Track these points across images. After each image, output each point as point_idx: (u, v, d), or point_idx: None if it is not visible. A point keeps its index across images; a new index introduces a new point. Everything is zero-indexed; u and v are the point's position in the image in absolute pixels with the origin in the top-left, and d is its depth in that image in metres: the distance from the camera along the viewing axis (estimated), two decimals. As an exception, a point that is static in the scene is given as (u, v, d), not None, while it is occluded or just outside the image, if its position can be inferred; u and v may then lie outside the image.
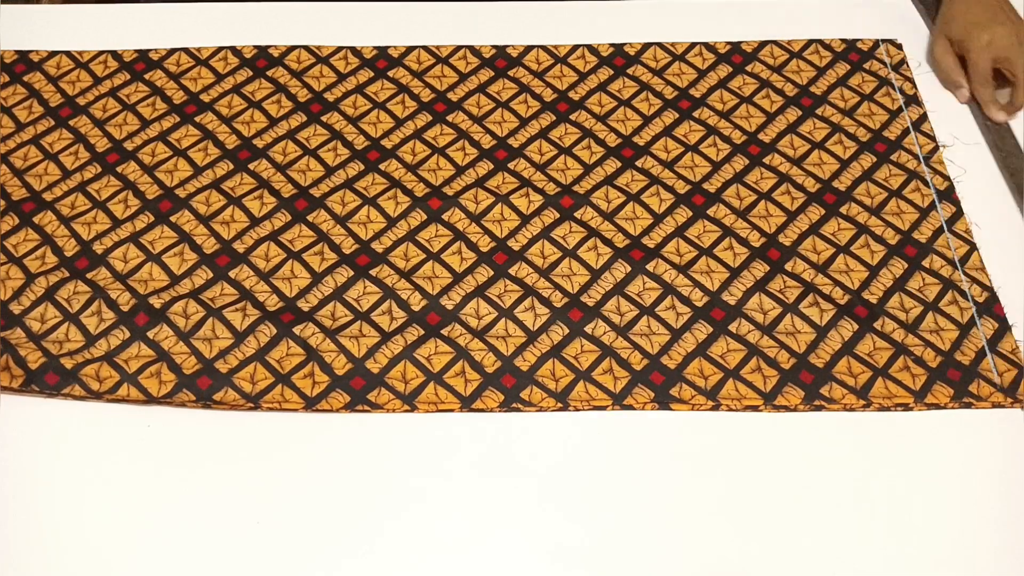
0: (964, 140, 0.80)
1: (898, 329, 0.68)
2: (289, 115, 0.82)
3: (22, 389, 0.64)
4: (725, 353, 0.67)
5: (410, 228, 0.75)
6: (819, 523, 0.60)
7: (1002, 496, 0.61)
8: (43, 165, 0.78)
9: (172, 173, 0.78)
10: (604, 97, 0.84)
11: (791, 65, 0.87)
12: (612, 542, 0.59)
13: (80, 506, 0.60)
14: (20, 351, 0.66)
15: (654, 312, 0.69)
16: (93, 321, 0.68)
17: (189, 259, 0.72)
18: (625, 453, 0.63)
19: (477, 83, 0.85)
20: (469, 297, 0.70)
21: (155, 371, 0.65)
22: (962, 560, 0.59)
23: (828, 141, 0.80)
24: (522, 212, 0.76)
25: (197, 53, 0.87)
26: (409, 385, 0.65)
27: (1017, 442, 0.64)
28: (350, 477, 0.62)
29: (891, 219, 0.75)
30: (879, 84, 0.85)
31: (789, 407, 0.65)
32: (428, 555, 0.59)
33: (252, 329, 0.68)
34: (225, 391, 0.65)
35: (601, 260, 0.72)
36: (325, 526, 0.60)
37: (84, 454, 0.63)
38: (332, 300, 0.70)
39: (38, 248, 0.73)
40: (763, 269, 0.72)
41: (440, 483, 0.62)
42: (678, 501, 0.61)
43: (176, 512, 0.60)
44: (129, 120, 0.82)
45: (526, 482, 0.62)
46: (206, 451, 0.63)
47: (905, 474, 0.62)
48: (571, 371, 0.66)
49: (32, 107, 0.83)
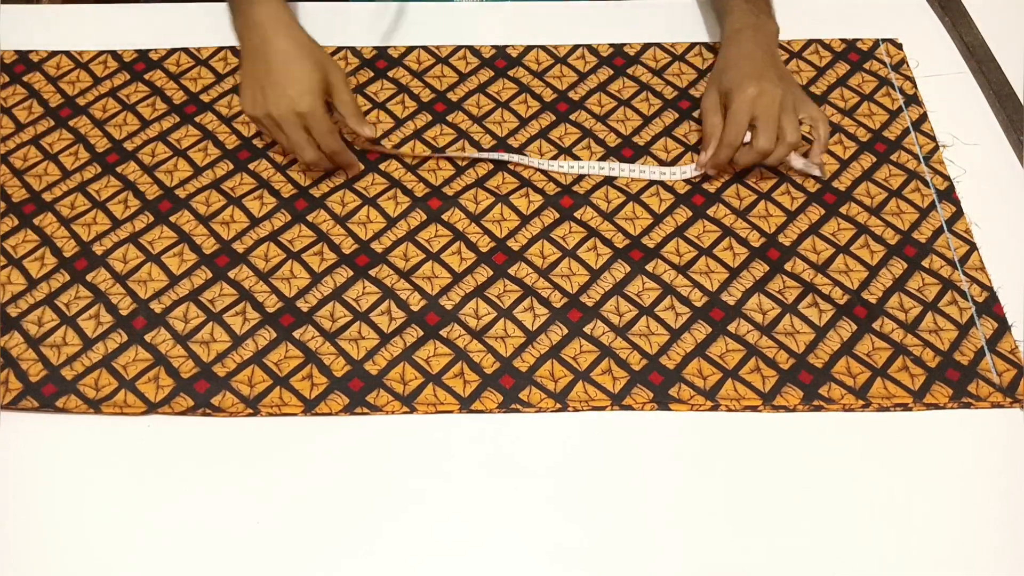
0: (964, 140, 0.80)
1: (897, 329, 0.68)
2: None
3: (19, 401, 0.64)
4: (724, 353, 0.67)
5: (410, 228, 0.75)
6: (818, 523, 0.60)
7: (1001, 496, 0.61)
8: (43, 165, 0.78)
9: (172, 173, 0.78)
10: (604, 97, 0.84)
11: (791, 65, 0.86)
12: (611, 542, 0.59)
13: (81, 506, 0.60)
14: (21, 364, 0.66)
15: (653, 312, 0.69)
16: (91, 324, 0.68)
17: (189, 259, 0.72)
18: (624, 453, 0.63)
19: (477, 83, 0.85)
20: (468, 297, 0.70)
21: (153, 376, 0.66)
22: (962, 560, 0.59)
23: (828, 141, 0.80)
24: (522, 212, 0.76)
25: (197, 53, 0.87)
26: (408, 386, 0.66)
27: (1016, 442, 0.64)
28: (349, 478, 0.62)
29: (891, 219, 0.75)
30: (879, 84, 0.85)
31: (788, 407, 0.65)
32: (427, 555, 0.59)
33: (251, 333, 0.68)
34: (223, 395, 0.65)
35: (600, 260, 0.72)
36: (325, 527, 0.60)
37: (85, 454, 0.63)
38: (331, 300, 0.70)
39: (37, 249, 0.73)
40: (763, 269, 0.72)
41: (439, 484, 0.62)
42: (677, 501, 0.61)
43: (177, 513, 0.60)
44: (129, 120, 0.82)
45: (525, 483, 0.62)
46: (206, 452, 0.63)
47: (904, 474, 0.62)
48: (570, 372, 0.66)
49: (32, 107, 0.83)
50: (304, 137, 0.73)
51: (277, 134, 0.74)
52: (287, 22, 0.75)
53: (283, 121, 0.72)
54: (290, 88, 0.72)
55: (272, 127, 0.74)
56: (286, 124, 0.72)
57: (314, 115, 0.72)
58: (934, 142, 0.80)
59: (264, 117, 0.73)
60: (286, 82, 0.72)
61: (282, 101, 0.72)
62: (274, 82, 0.72)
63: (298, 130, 0.73)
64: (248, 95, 0.74)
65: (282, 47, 0.74)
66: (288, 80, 0.72)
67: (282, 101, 0.72)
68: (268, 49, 0.74)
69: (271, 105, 0.72)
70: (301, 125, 0.73)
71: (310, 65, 0.73)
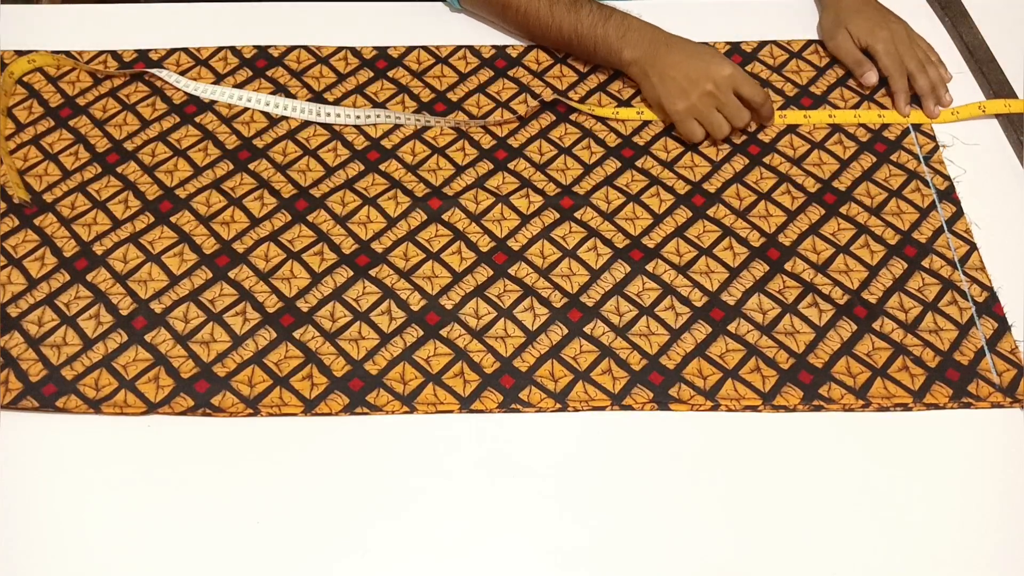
0: (964, 140, 0.80)
1: (897, 329, 0.68)
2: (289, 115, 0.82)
3: (19, 401, 0.64)
4: (724, 353, 0.67)
5: (410, 228, 0.75)
6: (818, 523, 0.60)
7: (1001, 496, 0.61)
8: (43, 166, 0.78)
9: (172, 173, 0.78)
10: (604, 98, 0.84)
11: (791, 65, 0.87)
12: (611, 542, 0.59)
13: (82, 506, 0.60)
14: (21, 364, 0.66)
15: (653, 312, 0.69)
16: (91, 324, 0.68)
17: (189, 259, 0.72)
18: (624, 453, 0.63)
19: (477, 83, 0.85)
20: (468, 297, 0.70)
21: (153, 376, 0.66)
22: (962, 560, 0.59)
23: (828, 141, 0.80)
24: (522, 212, 0.76)
25: (197, 53, 0.87)
26: (408, 386, 0.66)
27: (1016, 442, 0.63)
28: (350, 478, 0.62)
29: (891, 219, 0.75)
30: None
31: (788, 407, 0.65)
32: (427, 556, 0.59)
33: (251, 333, 0.68)
34: (223, 395, 0.65)
35: (601, 260, 0.72)
36: (325, 527, 0.60)
37: (85, 454, 0.63)
38: (331, 300, 0.70)
39: (37, 249, 0.73)
40: (763, 269, 0.72)
41: (439, 484, 0.62)
42: (677, 501, 0.61)
43: (177, 513, 0.60)
44: (129, 120, 0.82)
45: (525, 482, 0.62)
46: (206, 452, 0.63)
47: (904, 474, 0.62)
48: (570, 371, 0.66)
49: (32, 107, 0.83)
50: (736, 100, 0.78)
51: (711, 114, 0.78)
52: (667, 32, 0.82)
53: (719, 89, 0.77)
54: (709, 64, 0.78)
55: (707, 105, 0.78)
56: (721, 91, 0.78)
57: (739, 73, 0.78)
58: (934, 142, 0.80)
59: (700, 97, 0.78)
60: (702, 63, 0.79)
61: (708, 75, 0.78)
62: (694, 67, 0.78)
63: (730, 94, 0.78)
64: (673, 92, 0.79)
65: (681, 45, 0.81)
66: (703, 61, 0.79)
67: (708, 75, 0.78)
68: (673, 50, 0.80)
69: (704, 83, 0.78)
70: (731, 88, 0.78)
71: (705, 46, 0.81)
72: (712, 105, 0.78)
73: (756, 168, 0.79)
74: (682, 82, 0.78)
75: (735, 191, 0.77)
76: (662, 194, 0.77)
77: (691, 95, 0.78)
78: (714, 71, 0.78)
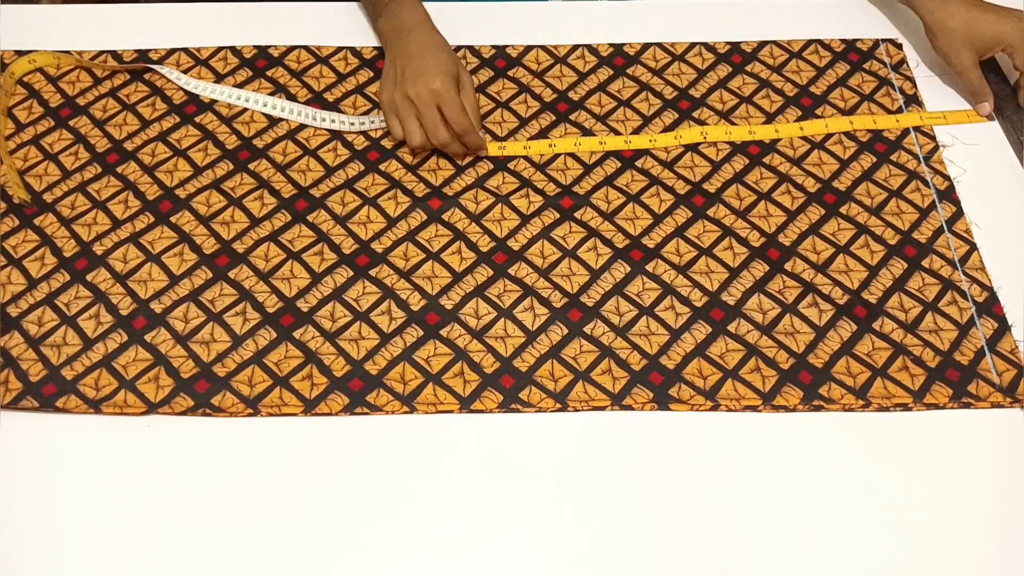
0: (964, 140, 0.80)
1: (897, 329, 0.68)
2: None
3: (19, 401, 0.64)
4: (724, 353, 0.67)
5: (410, 228, 0.75)
6: (818, 523, 0.60)
7: (1001, 496, 0.61)
8: (43, 166, 0.78)
9: (172, 173, 0.78)
10: (604, 97, 0.84)
11: (791, 65, 0.87)
12: (611, 542, 0.59)
13: (82, 506, 0.60)
14: (21, 364, 0.66)
15: (653, 312, 0.69)
16: (91, 324, 0.68)
17: (189, 259, 0.72)
18: (624, 453, 0.63)
19: (477, 83, 0.85)
20: (468, 297, 0.70)
21: (153, 376, 0.66)
22: (962, 560, 0.59)
23: (828, 141, 0.80)
24: (522, 212, 0.76)
25: (197, 53, 0.87)
26: (408, 386, 0.66)
27: (1016, 442, 0.63)
28: (350, 478, 0.62)
29: (891, 219, 0.75)
30: (879, 84, 0.85)
31: (788, 407, 0.65)
32: (427, 556, 0.59)
33: (251, 333, 0.68)
34: (223, 395, 0.65)
35: (601, 260, 0.72)
36: (325, 527, 0.60)
37: (85, 454, 0.63)
38: (331, 300, 0.70)
39: (37, 249, 0.73)
40: (763, 269, 0.72)
41: (439, 484, 0.62)
42: (677, 501, 0.61)
43: (177, 513, 0.60)
44: (129, 120, 0.82)
45: (525, 483, 0.62)
46: (206, 452, 0.63)
47: (904, 474, 0.62)
48: (570, 371, 0.66)
49: (32, 107, 0.83)
50: (437, 116, 0.77)
51: (408, 118, 0.77)
52: (430, 24, 0.83)
53: (418, 99, 0.77)
54: (427, 71, 0.77)
55: (406, 109, 0.77)
56: (420, 101, 0.77)
57: (447, 93, 0.77)
58: (934, 142, 0.80)
59: (401, 99, 0.77)
60: (424, 66, 0.78)
61: (419, 80, 0.77)
62: (414, 67, 0.78)
63: (431, 108, 0.77)
64: (388, 79, 0.80)
65: (423, 41, 0.80)
66: (426, 65, 0.78)
67: (419, 80, 0.77)
68: (410, 41, 0.80)
69: (408, 85, 0.77)
70: (435, 104, 0.76)
71: (447, 56, 0.80)
72: (411, 110, 0.77)
73: (756, 168, 0.78)
74: (397, 73, 0.79)
75: (735, 191, 0.77)
76: (662, 194, 0.77)
77: (396, 91, 0.78)
78: (425, 80, 0.77)
